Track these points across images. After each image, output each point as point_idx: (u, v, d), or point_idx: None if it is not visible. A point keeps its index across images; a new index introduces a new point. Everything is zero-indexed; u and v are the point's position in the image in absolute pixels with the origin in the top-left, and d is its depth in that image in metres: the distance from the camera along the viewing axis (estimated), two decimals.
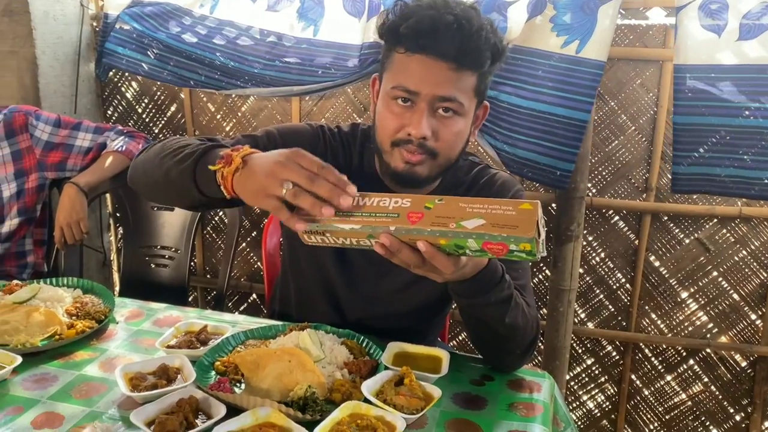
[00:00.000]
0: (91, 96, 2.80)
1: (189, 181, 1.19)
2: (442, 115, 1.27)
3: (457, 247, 0.99)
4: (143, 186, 1.37)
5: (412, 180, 1.33)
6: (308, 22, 2.33)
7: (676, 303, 2.43)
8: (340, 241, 1.06)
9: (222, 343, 1.33)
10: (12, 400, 1.18)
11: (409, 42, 1.24)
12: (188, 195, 1.23)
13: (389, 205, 1.03)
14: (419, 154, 1.28)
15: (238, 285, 2.88)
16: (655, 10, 2.17)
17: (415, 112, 1.26)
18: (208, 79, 2.46)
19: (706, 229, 2.33)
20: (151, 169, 1.30)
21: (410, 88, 1.25)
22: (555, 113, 2.04)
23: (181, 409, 1.09)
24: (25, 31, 2.48)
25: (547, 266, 2.52)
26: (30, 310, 1.40)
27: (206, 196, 1.20)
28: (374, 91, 1.40)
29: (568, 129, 2.05)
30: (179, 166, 1.21)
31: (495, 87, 2.10)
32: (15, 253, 2.18)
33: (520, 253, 0.95)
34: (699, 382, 2.49)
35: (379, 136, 1.33)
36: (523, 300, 1.28)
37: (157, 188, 1.33)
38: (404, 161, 1.29)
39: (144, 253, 2.30)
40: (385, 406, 1.10)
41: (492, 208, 0.97)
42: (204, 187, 1.18)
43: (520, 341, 1.28)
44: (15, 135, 2.11)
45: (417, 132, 1.25)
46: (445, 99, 1.25)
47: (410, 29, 1.23)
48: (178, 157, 1.22)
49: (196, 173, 1.18)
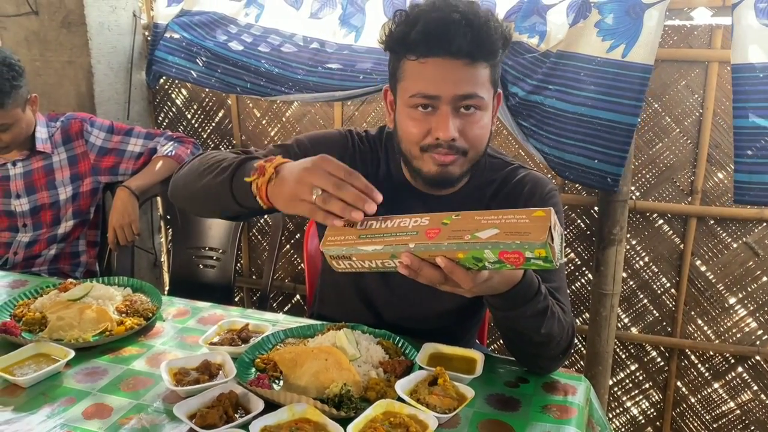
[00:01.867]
0: (143, 103, 2.90)
1: (227, 193, 1.25)
2: (465, 113, 1.28)
3: (475, 260, 1.00)
4: (183, 200, 1.44)
5: (447, 181, 1.34)
6: (350, 29, 2.37)
7: (724, 309, 2.38)
8: (366, 264, 1.08)
9: (262, 341, 1.37)
10: (65, 391, 1.24)
11: (420, 48, 1.24)
12: (227, 207, 1.29)
13: (409, 224, 1.06)
14: (451, 154, 1.29)
15: (282, 286, 2.94)
16: (700, 10, 2.12)
17: (439, 115, 1.26)
18: (254, 85, 2.52)
19: (755, 233, 2.27)
20: (190, 185, 1.37)
21: (430, 93, 1.25)
22: (602, 117, 2.02)
23: (222, 403, 1.13)
24: (81, 41, 2.60)
25: (589, 270, 2.49)
26: (83, 307, 1.47)
27: (244, 207, 1.26)
28: (387, 102, 1.41)
29: (615, 133, 2.02)
30: (217, 180, 1.27)
31: (539, 91, 2.09)
32: (69, 253, 2.28)
33: (536, 260, 0.95)
34: (748, 390, 2.42)
35: (406, 144, 1.34)
36: (558, 307, 1.28)
37: (197, 202, 1.39)
38: (437, 164, 1.30)
39: (192, 254, 2.38)
40: (418, 405, 1.12)
41: (506, 218, 0.99)
42: (241, 198, 1.24)
43: (554, 348, 1.28)
44: (72, 141, 2.22)
45: (445, 135, 1.26)
46: (466, 97, 1.26)
47: (421, 34, 1.23)
48: (215, 172, 1.28)
49: (233, 186, 1.24)
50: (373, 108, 2.61)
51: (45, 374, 1.26)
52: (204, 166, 1.33)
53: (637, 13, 1.93)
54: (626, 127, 2.01)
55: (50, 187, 2.19)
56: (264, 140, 2.80)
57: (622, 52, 1.96)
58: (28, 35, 2.65)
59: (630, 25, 1.94)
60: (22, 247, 2.20)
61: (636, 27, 1.94)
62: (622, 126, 2.01)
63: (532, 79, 2.10)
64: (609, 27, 1.96)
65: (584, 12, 1.99)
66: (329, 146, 1.45)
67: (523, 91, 2.11)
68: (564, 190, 2.43)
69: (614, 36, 1.97)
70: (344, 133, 1.50)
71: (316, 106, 2.68)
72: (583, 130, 2.06)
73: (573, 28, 2.01)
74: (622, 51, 1.96)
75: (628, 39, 1.95)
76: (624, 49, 1.96)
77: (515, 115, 2.18)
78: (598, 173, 2.09)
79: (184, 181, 1.40)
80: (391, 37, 1.30)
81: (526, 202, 1.43)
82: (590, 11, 1.98)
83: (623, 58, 1.96)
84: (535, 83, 2.10)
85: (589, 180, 2.12)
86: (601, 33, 1.98)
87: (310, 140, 1.48)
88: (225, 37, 2.53)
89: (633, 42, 1.95)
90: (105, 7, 2.63)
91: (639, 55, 1.95)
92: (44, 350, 1.34)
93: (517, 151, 2.46)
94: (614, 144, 2.04)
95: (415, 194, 1.45)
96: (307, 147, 1.45)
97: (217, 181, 1.27)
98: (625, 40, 1.95)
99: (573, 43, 2.02)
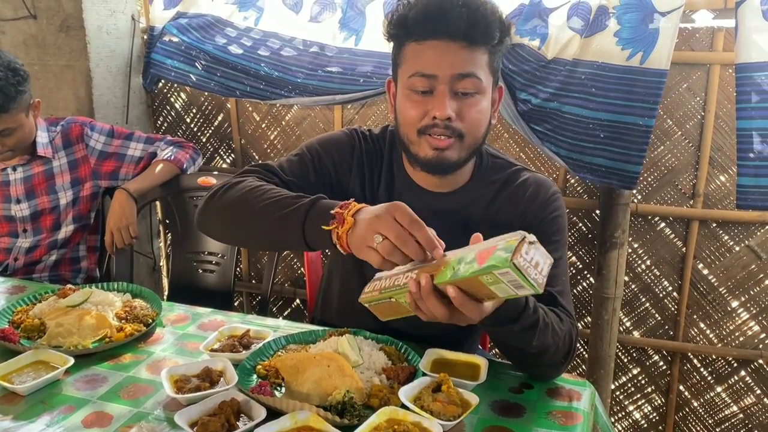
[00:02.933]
0: (142, 107, 2.89)
1: (298, 239, 1.21)
2: (463, 96, 1.29)
3: (456, 264, 1.01)
4: (223, 236, 1.44)
5: (443, 166, 1.35)
6: (350, 32, 2.37)
7: (726, 312, 2.37)
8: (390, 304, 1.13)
9: (263, 348, 1.36)
10: (64, 399, 1.23)
11: (419, 30, 1.27)
12: (292, 247, 1.30)
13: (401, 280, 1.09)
14: (446, 138, 1.30)
15: (282, 290, 2.92)
16: (701, 12, 2.12)
17: (436, 96, 1.29)
18: (253, 89, 2.51)
19: (757, 236, 2.26)
20: (236, 221, 1.33)
21: (427, 72, 1.27)
22: (621, 121, 2.03)
23: (223, 411, 1.12)
24: (80, 45, 2.59)
25: (591, 274, 2.48)
26: (82, 313, 1.46)
27: (315, 250, 1.27)
28: (390, 93, 1.43)
29: (634, 134, 2.03)
30: (282, 224, 1.23)
31: (555, 99, 2.10)
32: (70, 258, 2.27)
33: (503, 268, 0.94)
34: (751, 393, 2.41)
35: (404, 128, 1.35)
36: (554, 315, 1.26)
37: (246, 239, 1.40)
38: (433, 148, 1.31)
39: (191, 259, 2.37)
40: (422, 412, 1.11)
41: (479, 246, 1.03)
42: (315, 244, 1.21)
43: (552, 356, 1.27)
44: (72, 145, 2.21)
45: (441, 113, 1.27)
46: (464, 76, 1.27)
47: (419, 15, 1.26)
48: (276, 215, 1.24)
49: (306, 234, 1.20)
50: (373, 111, 2.60)
51: (44, 382, 1.25)
52: (257, 205, 1.28)
53: (653, 21, 1.94)
54: (644, 128, 2.02)
55: (50, 192, 2.18)
56: (264, 144, 2.79)
57: (641, 60, 1.97)
58: (27, 39, 2.64)
59: (646, 34, 1.96)
60: (22, 252, 2.19)
61: (653, 35, 1.95)
62: (639, 127, 2.03)
63: (546, 87, 2.10)
64: (627, 37, 1.98)
65: (603, 21, 1.99)
66: (338, 147, 1.48)
67: (537, 99, 2.12)
68: (565, 194, 2.43)
69: (633, 44, 1.98)
70: (349, 133, 1.52)
71: (315, 110, 2.67)
72: (604, 133, 2.08)
73: (590, 37, 2.01)
74: (641, 58, 1.98)
75: (645, 46, 1.97)
76: (642, 57, 1.97)
77: (528, 121, 2.18)
78: (619, 173, 2.09)
79: (223, 214, 1.35)
80: (392, 23, 1.33)
81: (528, 204, 1.43)
82: (609, 20, 1.98)
83: (642, 65, 1.98)
84: (551, 90, 2.10)
85: (609, 179, 2.12)
86: (620, 42, 1.99)
87: (320, 144, 1.50)
88: (224, 40, 2.52)
89: (651, 49, 1.96)
90: (103, 10, 2.62)
91: (656, 62, 1.96)
92: (43, 357, 1.33)
93: (518, 155, 2.45)
94: (633, 145, 2.04)
95: (418, 194, 1.45)
96: (318, 151, 1.47)
97: (285, 224, 1.23)
98: (643, 48, 1.97)
99: (591, 52, 2.03)
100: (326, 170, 1.47)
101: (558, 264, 1.40)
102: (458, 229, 1.44)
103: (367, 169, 1.49)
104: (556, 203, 1.44)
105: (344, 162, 1.49)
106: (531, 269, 0.94)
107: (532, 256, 0.95)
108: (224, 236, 1.44)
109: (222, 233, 1.43)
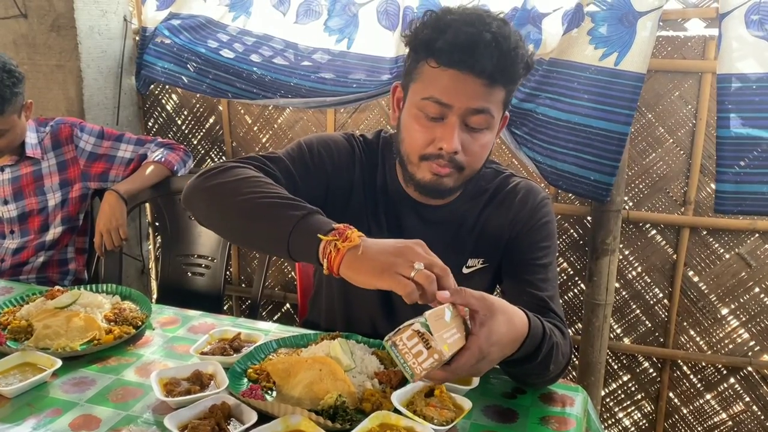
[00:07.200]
0: (133, 108, 2.87)
1: (281, 240, 1.13)
2: (472, 130, 1.27)
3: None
4: (205, 216, 1.31)
5: (438, 191, 1.34)
6: (342, 35, 2.36)
7: (716, 319, 2.37)
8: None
9: (254, 351, 1.35)
10: (51, 402, 1.21)
11: (443, 56, 1.21)
12: (271, 248, 1.22)
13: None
14: (448, 167, 1.28)
15: (273, 294, 2.91)
16: (693, 21, 2.13)
17: (447, 126, 1.25)
18: (246, 91, 2.50)
19: (747, 244, 2.27)
20: (223, 207, 1.25)
21: (443, 100, 1.23)
22: (593, 126, 2.02)
23: (214, 414, 1.10)
24: (71, 45, 2.57)
25: (582, 280, 2.48)
26: (70, 315, 1.44)
27: (294, 260, 1.17)
28: (395, 98, 1.38)
29: (607, 142, 2.02)
30: (272, 221, 1.16)
31: (531, 99, 2.09)
32: (58, 260, 2.24)
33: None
34: (740, 401, 2.42)
35: (407, 148, 1.32)
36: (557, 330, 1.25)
37: (227, 228, 1.29)
38: (432, 173, 1.30)
39: (181, 262, 2.35)
40: (414, 416, 1.10)
41: None
42: (297, 254, 1.14)
43: (553, 370, 1.26)
44: (61, 146, 2.18)
45: (449, 147, 1.25)
46: (478, 111, 1.24)
47: (447, 44, 1.20)
48: (268, 211, 1.17)
49: (292, 236, 1.12)
50: (366, 116, 2.59)
51: (30, 384, 1.23)
52: (248, 195, 1.20)
53: (630, 22, 1.94)
54: (618, 136, 2.02)
55: (39, 193, 2.15)
56: (255, 147, 2.78)
57: (615, 60, 1.97)
58: (17, 38, 2.62)
59: (623, 34, 1.95)
60: (9, 254, 2.16)
61: (629, 35, 1.95)
62: (614, 135, 2.02)
63: (525, 87, 2.10)
64: (602, 35, 1.97)
65: (578, 20, 1.99)
66: (339, 152, 1.44)
67: (516, 99, 2.11)
68: (557, 200, 2.43)
69: (607, 44, 1.97)
70: (347, 137, 1.48)
71: (308, 113, 2.66)
72: (576, 138, 2.06)
73: (566, 36, 2.01)
74: (615, 59, 1.97)
75: (621, 47, 1.96)
76: (617, 57, 1.96)
77: (509, 124, 2.17)
78: (590, 182, 2.09)
79: (212, 197, 1.27)
80: (416, 38, 1.27)
81: (518, 211, 1.43)
82: (583, 19, 1.98)
83: (616, 66, 1.97)
84: (528, 91, 2.10)
85: (581, 189, 2.12)
86: (594, 41, 1.98)
87: (321, 145, 1.43)
88: (216, 44, 2.50)
89: (626, 50, 1.95)
90: (95, 10, 2.60)
91: (632, 64, 1.96)
92: (30, 359, 1.31)
93: (510, 160, 2.46)
94: (606, 153, 2.04)
95: (410, 205, 1.44)
96: (319, 153, 1.42)
97: (273, 223, 1.16)
98: (618, 48, 1.96)
99: (566, 51, 2.03)
100: (322, 172, 1.42)
101: (548, 269, 1.40)
102: (449, 239, 1.44)
103: (361, 178, 1.47)
104: (545, 209, 1.44)
105: (343, 167, 1.44)
106: (409, 356, 0.98)
107: (413, 344, 0.98)
108: (205, 217, 1.32)
109: (205, 214, 1.31)
